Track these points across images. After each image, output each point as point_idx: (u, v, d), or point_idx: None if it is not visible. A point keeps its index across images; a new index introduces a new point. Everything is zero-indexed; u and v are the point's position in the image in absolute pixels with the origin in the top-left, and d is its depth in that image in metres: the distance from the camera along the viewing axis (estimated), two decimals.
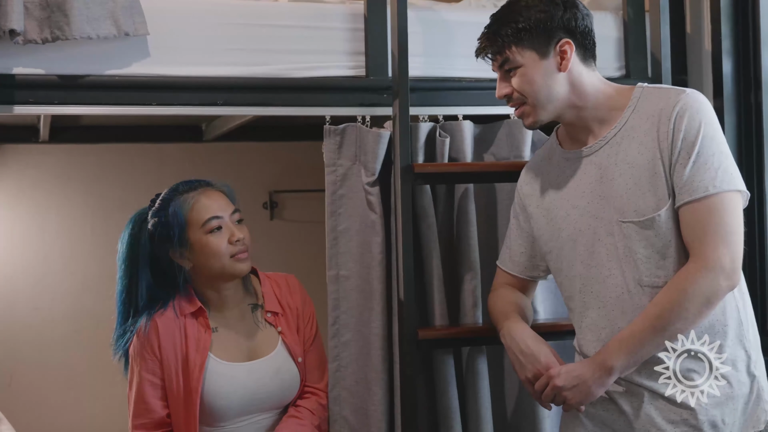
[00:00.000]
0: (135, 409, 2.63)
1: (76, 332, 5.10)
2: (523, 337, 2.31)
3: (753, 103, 3.07)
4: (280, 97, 2.86)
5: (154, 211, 2.65)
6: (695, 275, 2.12)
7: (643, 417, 2.22)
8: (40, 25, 2.54)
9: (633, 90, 2.30)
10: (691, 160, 2.14)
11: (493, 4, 3.21)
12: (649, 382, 2.21)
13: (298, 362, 2.70)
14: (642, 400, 2.22)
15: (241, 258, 2.63)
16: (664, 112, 2.19)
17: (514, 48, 2.25)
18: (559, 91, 2.27)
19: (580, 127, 2.33)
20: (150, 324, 2.61)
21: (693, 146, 2.14)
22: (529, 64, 2.26)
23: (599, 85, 2.32)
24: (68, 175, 5.18)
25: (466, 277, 2.91)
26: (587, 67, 2.30)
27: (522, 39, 2.24)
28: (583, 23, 2.27)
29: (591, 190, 2.29)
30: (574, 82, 2.27)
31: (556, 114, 2.31)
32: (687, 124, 2.15)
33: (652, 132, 2.20)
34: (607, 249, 2.25)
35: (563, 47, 2.24)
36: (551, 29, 2.24)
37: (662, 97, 2.23)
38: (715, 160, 2.15)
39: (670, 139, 2.16)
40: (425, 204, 2.87)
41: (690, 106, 2.17)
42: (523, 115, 2.32)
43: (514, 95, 2.30)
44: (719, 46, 3.09)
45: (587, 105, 2.29)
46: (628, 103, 2.27)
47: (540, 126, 2.36)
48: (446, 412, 2.85)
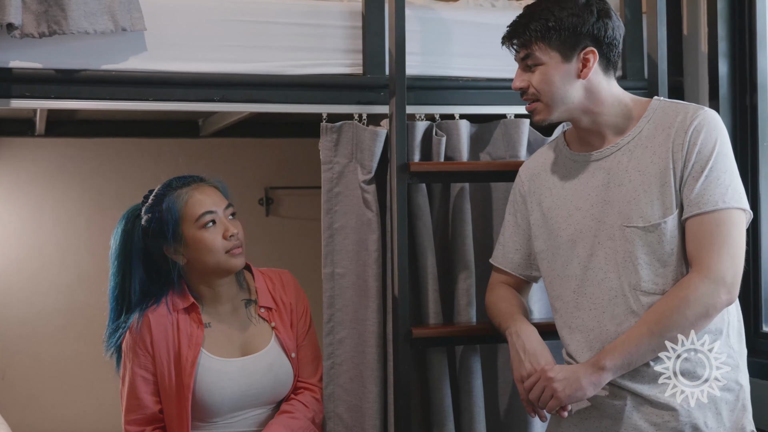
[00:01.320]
0: (127, 404, 2.63)
1: (71, 326, 5.10)
2: (531, 338, 2.33)
3: (749, 106, 3.08)
4: (278, 94, 2.86)
5: (148, 207, 2.65)
6: (698, 284, 2.14)
7: (626, 420, 2.23)
8: (37, 20, 2.54)
9: (650, 102, 2.32)
10: (704, 175, 2.16)
11: (491, 3, 3.21)
12: (632, 385, 2.22)
13: (292, 358, 2.70)
14: (625, 403, 2.23)
15: (236, 253, 2.63)
16: (681, 125, 2.21)
17: (541, 44, 2.26)
18: (574, 96, 2.28)
19: (593, 131, 2.34)
20: (142, 320, 2.61)
21: (707, 161, 2.17)
22: (550, 64, 2.26)
23: (617, 94, 2.32)
24: (64, 169, 5.18)
25: (461, 276, 2.91)
26: (607, 76, 2.30)
27: (549, 38, 2.25)
28: (612, 34, 2.27)
29: (596, 193, 2.30)
30: (591, 90, 2.28)
31: (567, 116, 2.33)
32: (704, 139, 2.18)
33: (666, 143, 2.21)
34: (606, 252, 2.26)
35: (587, 55, 2.25)
36: (579, 35, 2.24)
37: (680, 111, 2.25)
38: (727, 178, 2.18)
39: (685, 151, 2.18)
40: (421, 202, 2.87)
41: (708, 123, 2.20)
42: (534, 111, 2.33)
43: (529, 90, 2.31)
44: (716, 48, 3.10)
45: (602, 111, 2.30)
46: (644, 113, 2.29)
47: (548, 124, 2.38)
48: (440, 410, 2.86)
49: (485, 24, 2.97)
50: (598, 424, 2.28)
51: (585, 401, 2.27)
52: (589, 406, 2.29)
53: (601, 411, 2.27)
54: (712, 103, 3.07)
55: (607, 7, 2.29)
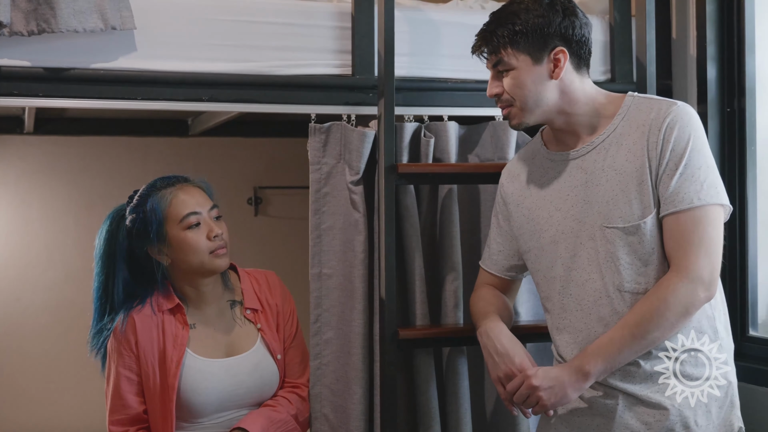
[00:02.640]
0: (111, 404, 2.63)
1: (57, 324, 5.09)
2: (500, 336, 2.31)
3: (737, 109, 3.08)
4: (266, 94, 2.85)
5: (132, 207, 2.65)
6: (676, 285, 2.14)
7: (618, 420, 2.23)
8: (26, 18, 2.53)
9: (624, 98, 2.31)
10: (678, 172, 2.16)
11: (481, 5, 3.21)
12: (623, 385, 2.22)
13: (278, 359, 2.70)
14: (617, 403, 2.24)
15: (220, 254, 2.63)
16: (654, 123, 2.20)
17: (509, 50, 2.26)
18: (549, 97, 2.28)
19: (568, 131, 2.34)
20: (127, 320, 2.61)
21: (681, 158, 2.16)
22: (522, 68, 2.26)
23: (590, 92, 2.32)
24: (52, 167, 5.17)
25: (448, 277, 2.92)
26: (580, 75, 2.30)
27: (517, 42, 2.25)
28: (580, 32, 2.27)
29: (575, 193, 2.30)
30: (565, 89, 2.28)
31: (544, 118, 2.32)
32: (677, 135, 2.17)
33: (641, 141, 2.21)
34: (588, 253, 2.27)
35: (557, 55, 2.25)
36: (547, 36, 2.24)
37: (653, 108, 2.24)
38: (702, 173, 2.17)
39: (659, 149, 2.18)
40: (409, 204, 2.87)
41: (681, 118, 2.19)
42: (510, 116, 2.33)
43: (503, 96, 2.31)
44: (704, 52, 3.11)
45: (577, 111, 2.30)
46: (618, 110, 2.29)
47: (525, 128, 2.37)
48: (426, 411, 2.86)
49: (474, 25, 2.92)
50: (590, 422, 2.28)
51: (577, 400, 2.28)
52: (581, 405, 2.29)
53: (593, 410, 2.28)
54: (701, 107, 3.07)
55: (572, 5, 2.29)
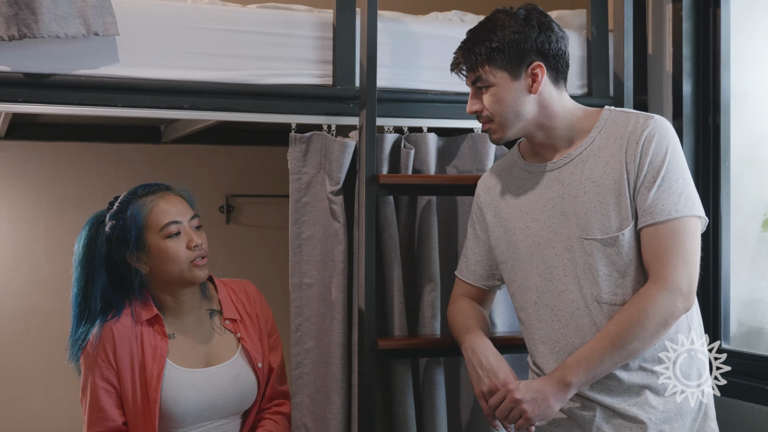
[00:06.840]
0: (90, 417, 2.58)
1: (27, 331, 5.02)
2: (486, 352, 2.33)
3: (711, 125, 3.12)
4: (247, 103, 2.86)
5: (112, 213, 2.63)
6: (655, 296, 2.17)
7: (595, 431, 2.25)
8: (7, 22, 2.52)
9: (601, 112, 2.34)
10: (656, 184, 2.19)
11: (460, 18, 3.23)
12: (601, 397, 2.25)
13: (258, 368, 2.69)
14: (595, 414, 2.26)
15: (199, 264, 2.60)
16: (632, 135, 2.23)
17: (487, 67, 2.28)
18: (528, 112, 2.30)
19: (546, 145, 2.36)
20: (104, 331, 2.57)
21: (659, 170, 2.19)
22: (500, 84, 2.28)
23: (569, 106, 2.35)
24: (23, 172, 5.10)
25: (426, 288, 2.93)
26: (558, 88, 2.33)
27: (495, 59, 2.27)
28: (556, 46, 2.30)
29: (552, 205, 2.32)
30: (544, 103, 2.31)
31: (524, 132, 2.35)
32: (655, 148, 2.20)
33: (619, 153, 2.24)
34: (564, 264, 2.29)
35: (535, 70, 2.27)
36: (524, 51, 2.27)
37: (630, 121, 2.27)
38: (679, 186, 2.20)
39: (638, 161, 2.21)
40: (388, 214, 2.88)
41: (658, 131, 2.22)
42: (490, 131, 2.35)
43: (483, 112, 2.33)
44: (680, 68, 3.15)
45: (555, 125, 2.33)
46: (595, 124, 2.32)
47: (505, 142, 2.39)
48: (403, 421, 2.87)
49: (454, 38, 2.94)
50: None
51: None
52: (560, 416, 2.31)
53: (571, 420, 2.30)
54: (676, 122, 3.11)
55: (548, 20, 2.32)
